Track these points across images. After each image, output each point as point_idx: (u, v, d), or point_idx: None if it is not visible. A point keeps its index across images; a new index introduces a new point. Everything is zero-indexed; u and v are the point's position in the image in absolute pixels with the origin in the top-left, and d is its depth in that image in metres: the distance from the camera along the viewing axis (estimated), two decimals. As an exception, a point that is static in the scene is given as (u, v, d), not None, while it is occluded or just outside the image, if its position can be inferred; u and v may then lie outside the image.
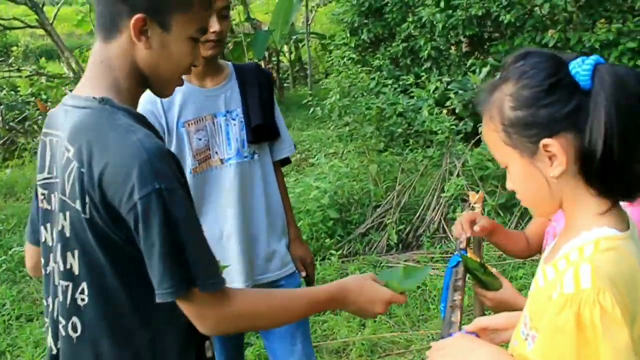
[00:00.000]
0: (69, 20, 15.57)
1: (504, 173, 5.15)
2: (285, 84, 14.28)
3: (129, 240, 1.35)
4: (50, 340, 1.53)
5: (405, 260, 5.14)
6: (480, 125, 7.52)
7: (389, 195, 5.84)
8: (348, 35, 9.31)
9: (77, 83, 1.52)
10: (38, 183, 1.54)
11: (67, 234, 1.41)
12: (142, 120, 1.47)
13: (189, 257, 1.32)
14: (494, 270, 1.90)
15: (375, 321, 4.17)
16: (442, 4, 7.64)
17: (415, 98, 7.20)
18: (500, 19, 7.17)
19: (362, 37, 9.02)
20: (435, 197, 5.65)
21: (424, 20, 7.78)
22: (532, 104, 1.21)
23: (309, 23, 12.78)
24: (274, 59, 13.19)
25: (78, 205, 1.36)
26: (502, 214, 5.41)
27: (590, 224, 1.23)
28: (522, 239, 2.15)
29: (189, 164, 2.27)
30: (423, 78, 7.28)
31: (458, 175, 5.60)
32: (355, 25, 9.08)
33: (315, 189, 5.72)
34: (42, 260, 1.55)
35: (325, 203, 5.57)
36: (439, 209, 5.61)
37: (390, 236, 5.44)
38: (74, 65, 11.14)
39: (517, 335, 1.35)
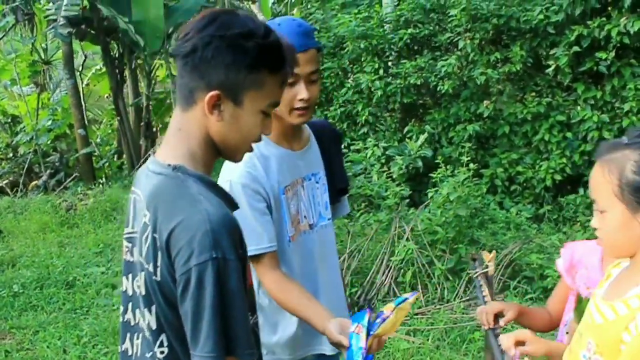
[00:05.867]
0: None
1: (454, 237, 5.23)
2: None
3: None
4: None
5: (360, 325, 5.11)
6: (416, 191, 7.71)
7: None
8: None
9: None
10: (124, 236, 1.63)
11: (144, 292, 1.53)
12: (214, 187, 1.55)
13: (234, 327, 1.42)
14: None
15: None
16: (381, 72, 7.90)
17: (353, 162, 7.33)
18: (438, 88, 7.46)
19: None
20: (385, 260, 5.70)
21: (362, 86, 7.99)
22: None
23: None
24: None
25: (151, 267, 1.48)
26: (451, 279, 5.50)
27: None
28: (545, 316, 2.21)
29: (288, 232, 2.16)
30: (365, 144, 7.43)
31: (407, 240, 5.68)
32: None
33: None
34: (121, 308, 1.64)
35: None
36: (389, 272, 5.65)
37: (341, 299, 5.37)
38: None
39: (576, 356, 1.59)
